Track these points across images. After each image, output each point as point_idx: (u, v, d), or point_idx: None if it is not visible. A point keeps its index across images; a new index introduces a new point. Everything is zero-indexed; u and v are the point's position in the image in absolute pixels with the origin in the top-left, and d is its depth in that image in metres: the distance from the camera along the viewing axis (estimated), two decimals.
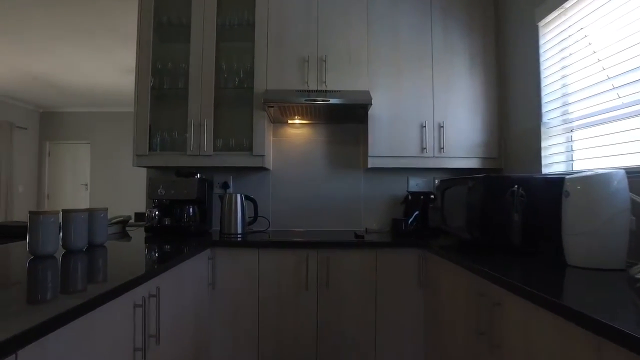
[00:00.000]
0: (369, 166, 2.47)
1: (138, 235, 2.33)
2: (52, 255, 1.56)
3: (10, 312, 0.85)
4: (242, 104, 2.69)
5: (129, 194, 7.74)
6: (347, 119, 2.68)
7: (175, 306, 1.64)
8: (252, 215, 2.51)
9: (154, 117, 2.58)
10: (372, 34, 2.52)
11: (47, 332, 0.81)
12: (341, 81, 2.48)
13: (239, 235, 2.30)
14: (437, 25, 2.54)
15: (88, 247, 1.77)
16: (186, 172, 2.39)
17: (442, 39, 2.54)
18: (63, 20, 4.13)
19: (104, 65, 5.49)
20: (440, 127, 2.49)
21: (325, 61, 2.48)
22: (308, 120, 2.70)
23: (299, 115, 2.54)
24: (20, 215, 7.25)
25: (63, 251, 1.66)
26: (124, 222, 2.56)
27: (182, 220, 2.34)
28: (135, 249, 1.82)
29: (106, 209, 1.89)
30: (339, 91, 2.40)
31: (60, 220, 1.64)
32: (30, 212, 1.55)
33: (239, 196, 2.31)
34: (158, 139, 2.61)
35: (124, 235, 2.32)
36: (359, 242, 2.17)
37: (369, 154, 2.47)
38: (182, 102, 2.68)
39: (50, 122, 7.95)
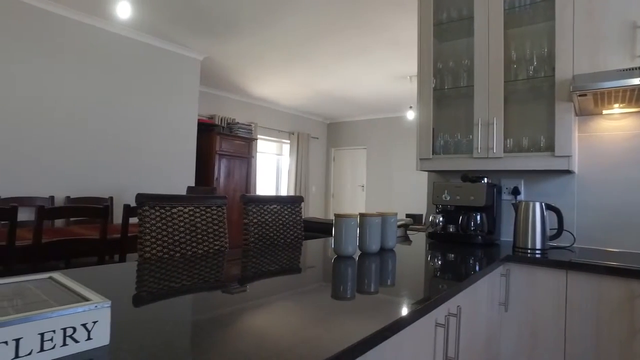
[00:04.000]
0: None
1: (420, 240, 2.29)
2: (352, 257, 1.63)
3: (323, 321, 0.84)
4: (537, 96, 2.31)
5: (399, 195, 8.19)
6: None
7: (470, 327, 1.47)
8: (553, 227, 2.08)
9: (436, 120, 2.51)
10: None
11: (367, 349, 0.77)
12: None
13: (537, 251, 1.94)
14: None
15: (380, 250, 1.80)
16: (472, 177, 2.20)
17: None
18: (346, 44, 4.70)
19: (378, 76, 5.94)
20: None
21: None
22: (636, 107, 2.05)
23: (622, 102, 1.96)
24: (314, 211, 8.71)
25: (359, 252, 1.73)
26: (405, 226, 2.58)
27: (468, 228, 2.16)
28: (424, 257, 1.74)
29: (396, 214, 1.89)
30: None
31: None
32: (335, 215, 1.67)
33: (538, 205, 1.95)
34: (441, 142, 2.52)
35: (406, 239, 2.32)
36: None
37: None
38: (465, 101, 2.51)
39: (334, 131, 9.26)
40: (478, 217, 2.15)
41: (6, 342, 0.53)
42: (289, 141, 8.35)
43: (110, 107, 4.44)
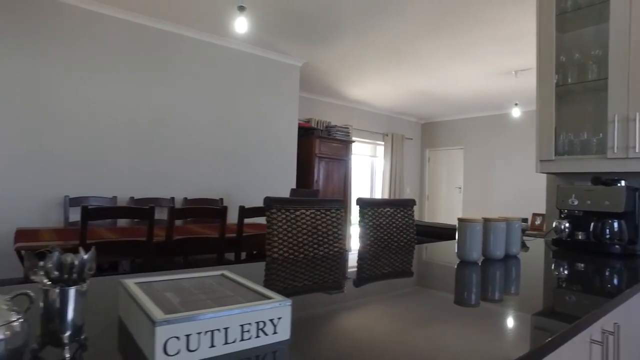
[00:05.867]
0: None
1: (539, 247, 2.13)
2: (476, 262, 1.58)
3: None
4: None
5: (500, 197, 7.71)
6: None
7: (626, 348, 1.33)
8: None
9: (557, 118, 2.32)
10: None
11: None
12: None
13: None
14: None
15: (504, 256, 1.71)
16: (606, 179, 1.99)
17: None
18: (449, 41, 4.56)
19: (479, 72, 5.65)
20: None
21: None
22: None
23: None
24: None
25: (482, 258, 1.66)
26: (522, 231, 2.42)
27: (603, 237, 1.96)
28: (554, 266, 1.61)
29: (520, 219, 1.79)
30: None
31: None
32: (459, 219, 1.63)
33: None
34: (565, 142, 2.32)
35: (522, 245, 2.18)
36: None
37: None
38: (593, 95, 2.29)
39: (429, 131, 9.01)
40: (615, 225, 1.94)
41: (219, 330, 0.60)
42: (382, 142, 8.30)
43: (219, 116, 4.81)
